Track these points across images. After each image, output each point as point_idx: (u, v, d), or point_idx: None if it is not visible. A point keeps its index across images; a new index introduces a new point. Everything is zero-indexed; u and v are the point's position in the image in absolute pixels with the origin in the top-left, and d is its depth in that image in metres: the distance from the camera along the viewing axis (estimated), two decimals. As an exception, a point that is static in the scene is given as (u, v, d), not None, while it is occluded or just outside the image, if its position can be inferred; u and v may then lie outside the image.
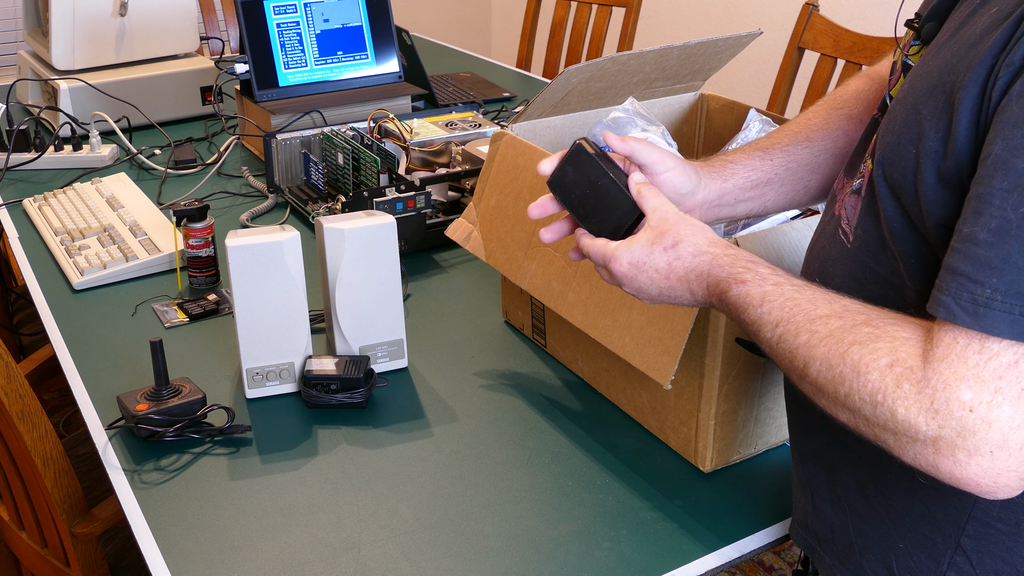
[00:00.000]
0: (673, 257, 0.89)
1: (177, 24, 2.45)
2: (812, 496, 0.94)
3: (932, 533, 0.83)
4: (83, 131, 2.21)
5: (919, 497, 0.83)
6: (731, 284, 0.84)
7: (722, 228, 1.22)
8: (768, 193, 1.05)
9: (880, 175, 0.80)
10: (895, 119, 0.80)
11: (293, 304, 1.24)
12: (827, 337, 0.75)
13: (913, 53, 0.87)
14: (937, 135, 0.74)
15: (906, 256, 0.80)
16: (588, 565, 1.00)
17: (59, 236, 1.73)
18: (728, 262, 0.85)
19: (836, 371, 0.74)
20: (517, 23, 3.95)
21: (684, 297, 0.90)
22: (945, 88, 0.74)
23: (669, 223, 0.90)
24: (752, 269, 0.84)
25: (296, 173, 1.90)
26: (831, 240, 0.89)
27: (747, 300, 0.82)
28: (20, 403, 1.21)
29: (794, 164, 1.05)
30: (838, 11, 3.04)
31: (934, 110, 0.75)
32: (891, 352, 0.71)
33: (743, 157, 1.05)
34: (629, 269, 0.91)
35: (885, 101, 0.90)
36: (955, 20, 0.80)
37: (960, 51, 0.74)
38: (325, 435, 1.22)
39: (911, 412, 0.69)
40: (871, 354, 0.72)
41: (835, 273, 0.87)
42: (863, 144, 0.92)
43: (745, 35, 1.38)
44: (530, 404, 1.27)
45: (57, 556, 1.38)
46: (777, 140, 1.06)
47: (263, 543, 1.04)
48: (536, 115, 1.38)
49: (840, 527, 0.91)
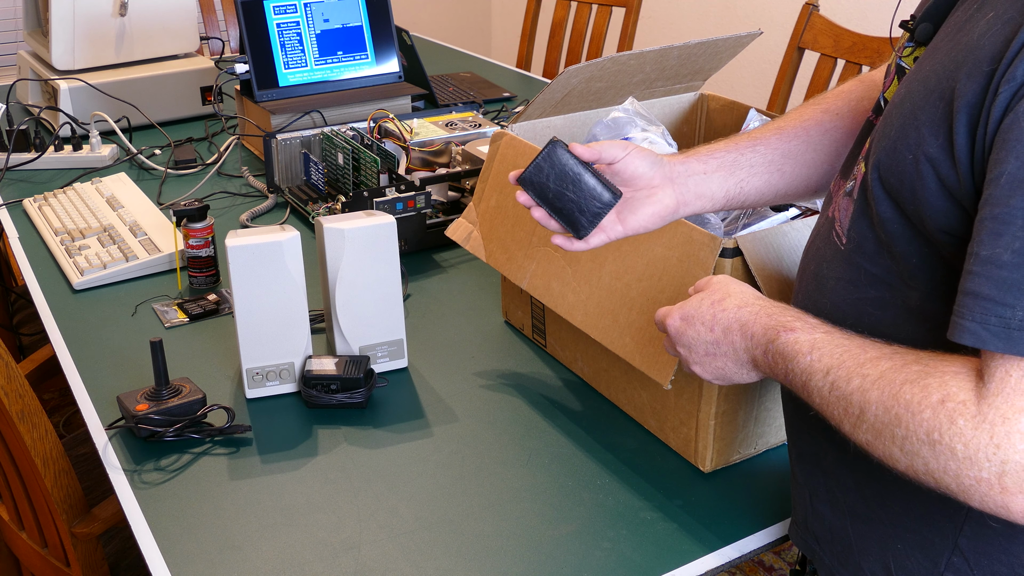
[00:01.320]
0: (719, 309, 0.89)
1: (177, 24, 2.45)
2: (810, 497, 0.94)
3: (930, 534, 0.83)
4: (83, 131, 2.21)
5: (917, 498, 0.83)
6: (779, 332, 0.82)
7: (722, 228, 1.22)
8: (738, 172, 1.04)
9: (876, 179, 0.79)
10: (891, 123, 0.79)
11: (293, 304, 1.24)
12: (879, 379, 0.73)
13: (907, 55, 0.86)
14: (937, 142, 0.73)
15: (907, 257, 0.79)
16: (588, 565, 1.00)
17: (59, 236, 1.73)
18: (777, 312, 0.85)
19: (892, 413, 0.71)
20: (517, 23, 3.95)
21: (729, 354, 0.88)
22: (944, 94, 0.73)
23: (720, 282, 0.92)
24: (802, 318, 0.82)
25: (296, 173, 1.90)
26: (825, 242, 0.89)
27: (796, 348, 0.80)
28: (20, 403, 1.21)
29: (761, 147, 1.04)
30: (838, 11, 3.04)
31: (932, 116, 0.74)
32: (941, 387, 0.69)
33: (709, 145, 1.06)
34: (681, 323, 0.91)
35: (880, 103, 0.89)
36: (952, 23, 0.79)
37: (958, 56, 0.73)
38: (325, 435, 1.22)
39: (970, 449, 0.66)
40: (922, 391, 0.70)
41: (829, 275, 0.87)
42: (857, 146, 0.91)
43: (745, 35, 1.38)
44: (530, 404, 1.27)
45: (57, 556, 1.38)
46: (748, 133, 1.07)
47: (263, 543, 1.04)
48: (536, 115, 1.38)
49: (839, 528, 0.91)
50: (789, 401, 0.96)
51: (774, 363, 0.83)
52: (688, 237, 1.05)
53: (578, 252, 1.18)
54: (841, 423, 0.76)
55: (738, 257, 1.02)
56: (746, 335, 0.86)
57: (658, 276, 1.08)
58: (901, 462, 0.72)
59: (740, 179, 1.04)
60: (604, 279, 1.15)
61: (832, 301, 0.87)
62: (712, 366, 0.90)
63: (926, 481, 0.70)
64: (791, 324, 0.82)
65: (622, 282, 1.13)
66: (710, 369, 0.91)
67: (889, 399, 0.71)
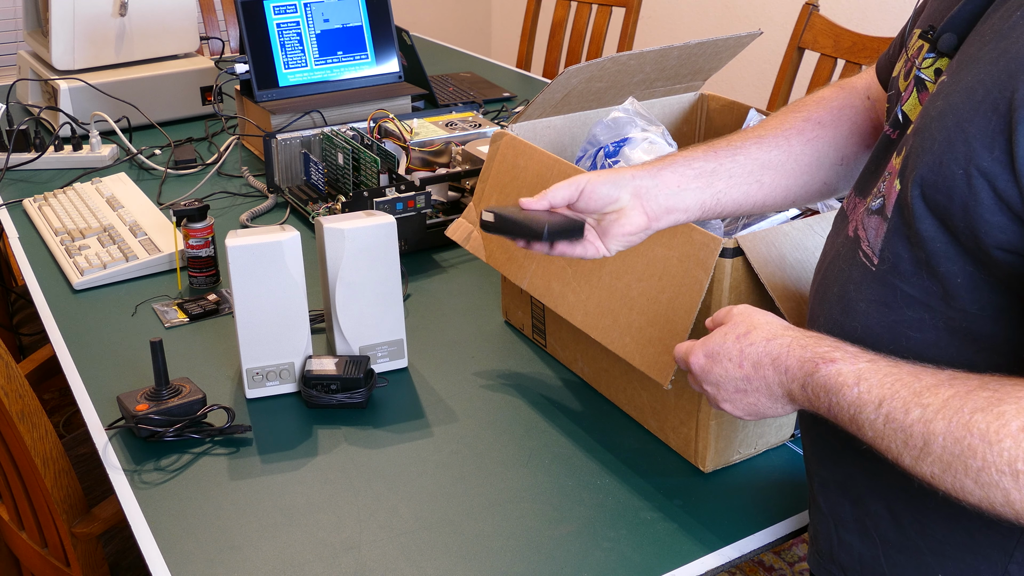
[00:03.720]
0: (746, 344, 0.84)
1: (177, 24, 2.45)
2: (836, 527, 0.90)
3: (976, 562, 0.79)
4: (83, 131, 2.21)
5: (961, 524, 0.79)
6: (818, 364, 0.77)
7: (722, 228, 1.22)
8: (716, 183, 1.01)
9: (918, 196, 0.75)
10: (932, 137, 0.75)
11: (293, 304, 1.24)
12: (942, 408, 0.68)
13: (927, 66, 0.82)
14: (991, 155, 0.70)
15: (951, 276, 0.75)
16: (588, 565, 1.00)
17: (59, 236, 1.73)
18: (811, 343, 0.80)
19: (964, 444, 0.66)
20: (517, 23, 3.95)
21: (761, 390, 0.83)
22: (997, 106, 0.70)
23: (743, 314, 0.87)
24: (840, 347, 0.77)
25: (296, 173, 1.90)
26: (850, 263, 0.85)
27: (840, 380, 0.75)
28: (20, 403, 1.21)
29: (740, 156, 1.02)
30: (838, 11, 3.04)
31: (984, 129, 0.70)
32: (1020, 414, 0.65)
33: (687, 151, 1.03)
34: (705, 362, 0.87)
35: (897, 117, 0.86)
36: (989, 31, 0.75)
37: (1009, 66, 0.70)
38: (325, 435, 1.22)
39: None
40: (997, 420, 0.65)
41: (859, 297, 0.83)
42: (875, 162, 0.88)
43: (745, 35, 1.38)
44: (530, 404, 1.27)
45: (57, 556, 1.38)
46: (728, 137, 1.05)
47: (263, 543, 1.04)
48: (536, 115, 1.38)
49: (870, 558, 0.87)
50: (810, 429, 0.93)
51: (815, 397, 0.78)
52: (688, 237, 1.05)
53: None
54: (900, 457, 0.71)
55: (739, 257, 1.02)
56: (779, 369, 0.81)
57: (658, 276, 1.08)
58: (975, 495, 0.67)
59: (717, 191, 1.01)
60: (604, 279, 1.15)
61: (864, 324, 0.82)
62: (743, 403, 0.86)
63: (1004, 513, 0.66)
64: (829, 355, 0.77)
65: (622, 282, 1.13)
66: (741, 406, 0.86)
67: (959, 429, 0.67)
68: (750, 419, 0.88)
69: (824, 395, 0.77)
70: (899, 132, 0.86)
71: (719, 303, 1.03)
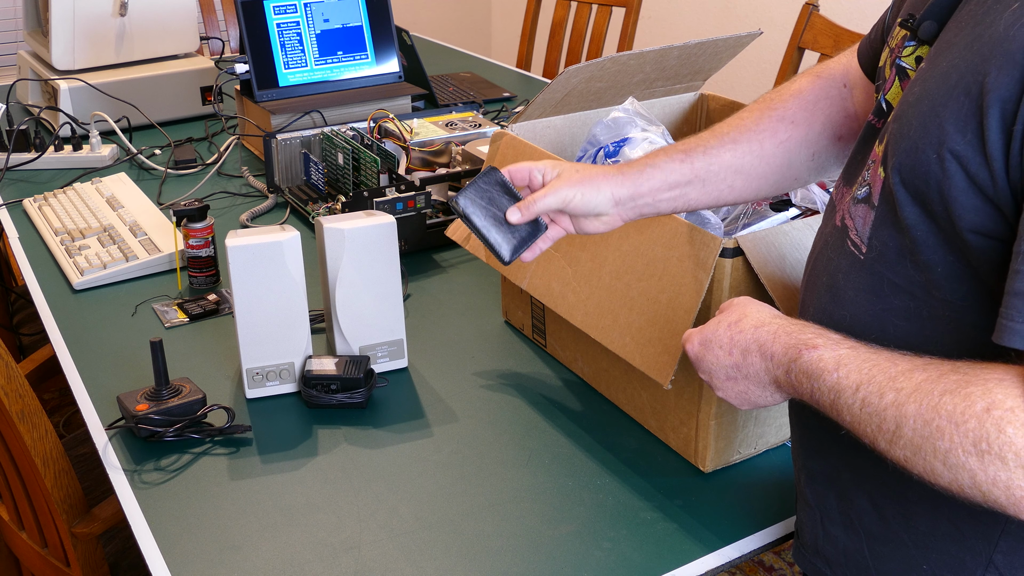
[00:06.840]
0: (736, 331, 0.85)
1: (177, 24, 2.45)
2: (822, 519, 0.91)
3: (960, 552, 0.79)
4: (83, 131, 2.21)
5: (944, 515, 0.79)
6: (801, 350, 0.79)
7: (722, 228, 1.22)
8: (690, 193, 1.02)
9: (898, 182, 0.76)
10: (909, 123, 0.76)
11: (293, 304, 1.24)
12: (914, 391, 0.69)
13: (907, 55, 0.83)
14: (963, 138, 0.70)
15: (932, 265, 0.76)
16: (588, 565, 1.00)
17: (59, 236, 1.73)
18: (796, 330, 0.81)
19: (932, 425, 0.67)
20: (517, 23, 3.95)
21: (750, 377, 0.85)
22: (969, 89, 0.70)
23: (738, 303, 0.89)
24: (823, 335, 0.79)
25: (296, 173, 1.90)
26: (839, 252, 0.85)
27: (821, 366, 0.77)
28: (20, 403, 1.21)
29: (715, 166, 1.02)
30: (838, 11, 3.04)
31: (956, 112, 0.71)
32: (985, 395, 0.66)
33: (664, 159, 1.03)
34: (700, 348, 0.89)
35: (880, 106, 0.87)
36: (965, 17, 0.76)
37: (982, 50, 0.71)
38: (325, 435, 1.22)
39: (1021, 458, 0.63)
40: (964, 400, 0.66)
41: (847, 286, 0.84)
42: (860, 151, 0.89)
43: (745, 35, 1.38)
44: (530, 404, 1.27)
45: (57, 556, 1.38)
46: (703, 140, 1.04)
47: (263, 543, 1.04)
48: (536, 115, 1.38)
49: (854, 551, 0.88)
50: (799, 422, 0.94)
51: (798, 383, 0.79)
52: (688, 237, 1.05)
53: (578, 252, 1.17)
54: (876, 440, 0.73)
55: (739, 257, 1.02)
56: (765, 356, 0.83)
57: (658, 276, 1.08)
58: (944, 477, 0.68)
59: (689, 200, 1.03)
60: (604, 279, 1.15)
61: (852, 313, 0.83)
62: (735, 390, 0.87)
63: (971, 495, 0.67)
64: (812, 341, 0.78)
65: (622, 282, 1.13)
66: (733, 394, 0.88)
67: (928, 411, 0.68)
68: (746, 408, 0.89)
69: (807, 380, 0.78)
70: (883, 121, 0.86)
71: (719, 303, 1.03)
